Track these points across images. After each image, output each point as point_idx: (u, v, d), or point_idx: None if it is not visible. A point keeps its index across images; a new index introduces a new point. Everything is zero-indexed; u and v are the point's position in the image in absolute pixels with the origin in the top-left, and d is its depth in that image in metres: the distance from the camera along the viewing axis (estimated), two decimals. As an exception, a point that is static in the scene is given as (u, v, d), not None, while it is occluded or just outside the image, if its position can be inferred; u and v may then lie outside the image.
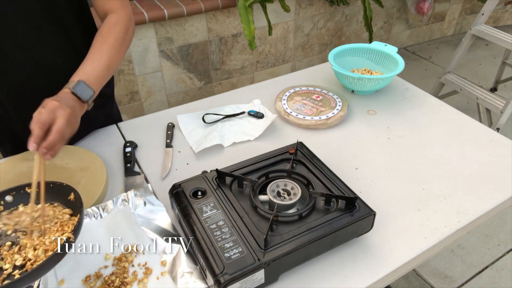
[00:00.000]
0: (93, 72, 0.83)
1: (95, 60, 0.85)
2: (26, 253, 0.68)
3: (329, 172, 0.85)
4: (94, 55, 0.85)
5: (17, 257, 0.68)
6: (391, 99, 1.24)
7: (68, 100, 0.77)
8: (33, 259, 0.67)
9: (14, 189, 0.78)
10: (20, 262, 0.67)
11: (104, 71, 0.85)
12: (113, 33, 0.89)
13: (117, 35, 0.89)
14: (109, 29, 0.90)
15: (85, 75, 0.82)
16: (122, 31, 0.90)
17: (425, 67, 3.25)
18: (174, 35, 2.25)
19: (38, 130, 0.71)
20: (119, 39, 0.89)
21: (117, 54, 0.88)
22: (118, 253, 0.77)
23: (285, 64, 2.85)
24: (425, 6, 2.99)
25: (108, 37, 0.88)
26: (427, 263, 1.78)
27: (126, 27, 0.92)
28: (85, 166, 0.95)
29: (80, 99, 0.79)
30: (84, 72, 0.82)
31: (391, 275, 0.77)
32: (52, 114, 0.72)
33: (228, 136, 1.08)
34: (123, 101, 2.33)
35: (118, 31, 0.90)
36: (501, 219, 1.97)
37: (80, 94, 0.79)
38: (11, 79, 0.94)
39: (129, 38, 0.93)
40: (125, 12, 0.93)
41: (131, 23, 0.95)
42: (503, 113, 2.01)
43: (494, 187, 0.94)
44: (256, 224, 0.74)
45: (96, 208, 0.85)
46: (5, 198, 0.77)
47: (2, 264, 0.68)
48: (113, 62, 0.87)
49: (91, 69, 0.83)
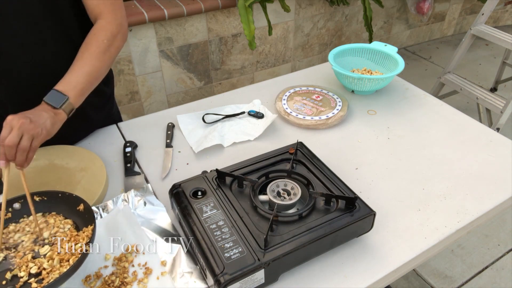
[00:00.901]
0: (70, 79, 0.85)
1: (75, 68, 0.87)
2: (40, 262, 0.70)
3: (329, 172, 0.85)
4: (76, 63, 0.87)
5: (31, 265, 0.70)
6: (391, 99, 1.24)
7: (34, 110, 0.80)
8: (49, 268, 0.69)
9: (23, 197, 0.79)
10: (35, 270, 0.69)
11: (84, 78, 0.86)
12: (96, 40, 0.89)
13: (100, 42, 0.89)
14: (93, 35, 0.90)
15: (62, 84, 0.84)
16: (106, 38, 0.90)
17: (425, 67, 3.25)
18: (174, 35, 2.25)
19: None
20: (102, 46, 0.89)
21: (99, 61, 0.89)
22: (118, 253, 0.77)
23: (285, 64, 2.85)
24: (425, 6, 2.98)
25: (90, 44, 0.89)
26: (427, 263, 1.78)
27: (112, 33, 0.91)
28: (85, 166, 0.95)
29: (52, 106, 0.82)
30: (62, 81, 0.85)
31: (391, 275, 0.77)
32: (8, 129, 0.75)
33: (228, 136, 1.08)
34: (123, 101, 2.33)
35: (101, 38, 0.89)
36: (501, 219, 1.97)
37: (50, 102, 0.82)
38: (11, 80, 0.94)
39: (116, 45, 0.92)
40: (114, 18, 0.92)
41: (121, 28, 0.93)
42: (503, 113, 2.01)
43: (494, 187, 0.94)
44: (256, 224, 0.74)
45: (96, 208, 0.85)
46: (14, 206, 0.79)
47: (17, 271, 0.69)
48: (95, 69, 0.88)
49: (70, 76, 0.85)
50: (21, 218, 0.80)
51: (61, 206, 0.80)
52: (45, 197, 0.80)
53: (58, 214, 0.80)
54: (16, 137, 0.74)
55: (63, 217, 0.79)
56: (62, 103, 0.83)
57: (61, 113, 0.83)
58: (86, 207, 0.76)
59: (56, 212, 0.80)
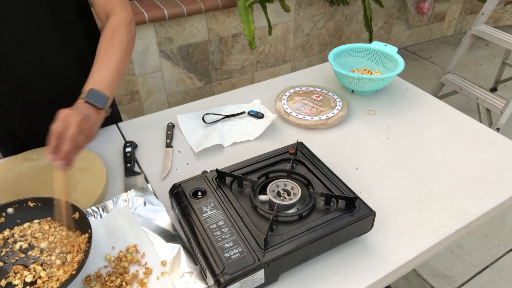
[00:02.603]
0: (103, 77, 0.82)
1: (103, 65, 0.84)
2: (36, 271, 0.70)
3: (329, 172, 0.85)
4: (102, 61, 0.85)
5: (26, 274, 0.69)
6: (391, 99, 1.24)
7: (82, 109, 0.76)
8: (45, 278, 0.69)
9: (17, 202, 0.79)
10: (30, 279, 0.69)
11: (114, 75, 0.84)
12: (118, 36, 0.88)
13: (122, 37, 0.88)
14: (113, 32, 0.89)
15: (96, 82, 0.81)
16: (126, 33, 0.89)
17: (425, 67, 3.25)
18: (174, 35, 2.25)
19: (53, 140, 0.71)
20: (124, 41, 0.88)
21: (124, 56, 0.87)
22: (118, 253, 0.77)
23: (285, 64, 2.85)
24: (425, 6, 2.98)
25: (113, 40, 0.87)
26: (427, 263, 1.78)
27: (129, 28, 0.91)
28: (85, 166, 0.95)
29: (95, 106, 0.79)
30: (94, 80, 0.82)
31: (391, 275, 0.77)
32: (65, 123, 0.71)
33: (228, 136, 1.08)
34: (123, 101, 2.33)
35: (122, 33, 0.89)
36: (501, 219, 1.97)
37: (94, 102, 0.78)
38: (11, 79, 0.94)
39: (133, 39, 0.93)
40: (126, 13, 0.92)
41: (133, 23, 0.94)
42: (503, 113, 2.01)
43: (494, 187, 0.94)
44: (256, 224, 0.74)
45: (96, 208, 0.85)
46: (7, 210, 0.78)
47: (11, 279, 0.69)
48: (121, 65, 0.86)
49: (101, 75, 0.83)
50: (15, 223, 0.78)
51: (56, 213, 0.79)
52: (40, 203, 0.79)
53: (53, 221, 0.79)
54: (77, 134, 0.70)
55: (58, 224, 0.79)
56: (105, 102, 0.80)
57: (102, 113, 0.81)
58: (81, 215, 0.76)
59: (52, 218, 0.80)
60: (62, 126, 0.70)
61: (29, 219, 0.79)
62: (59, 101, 1.00)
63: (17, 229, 0.78)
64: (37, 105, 1.01)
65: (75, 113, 0.72)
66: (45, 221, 0.79)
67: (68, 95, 0.98)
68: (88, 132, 0.74)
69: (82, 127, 0.72)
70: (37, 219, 0.79)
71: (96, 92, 0.79)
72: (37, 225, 0.78)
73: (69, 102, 0.88)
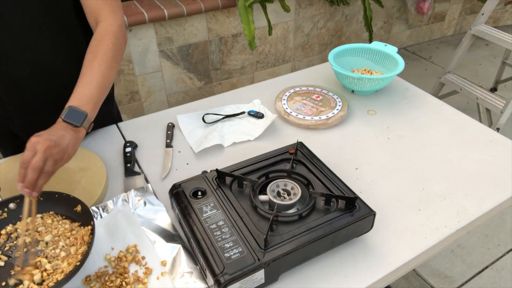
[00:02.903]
0: (83, 93, 0.82)
1: (86, 80, 0.83)
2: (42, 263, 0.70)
3: (329, 172, 0.85)
4: (85, 75, 0.84)
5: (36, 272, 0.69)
6: (391, 99, 1.24)
7: (55, 131, 0.76)
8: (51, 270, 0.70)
9: (18, 197, 0.79)
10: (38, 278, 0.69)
11: (95, 90, 0.83)
12: (102, 46, 0.86)
13: (106, 47, 0.86)
14: (98, 42, 0.87)
15: (76, 99, 0.80)
16: (111, 42, 0.87)
17: (425, 67, 3.25)
18: (174, 35, 2.25)
19: (20, 169, 0.71)
20: (109, 53, 0.86)
21: (108, 68, 0.86)
22: (118, 253, 0.77)
23: (285, 64, 2.85)
24: (425, 6, 2.98)
25: (97, 51, 0.86)
26: (427, 263, 1.78)
27: (115, 35, 0.89)
28: (85, 166, 0.95)
29: (73, 125, 0.78)
30: (75, 96, 0.81)
31: (391, 275, 0.77)
32: (32, 152, 0.71)
33: (228, 136, 1.08)
34: (123, 101, 2.33)
35: (107, 44, 0.87)
36: (501, 219, 1.97)
37: (70, 121, 0.78)
38: (11, 79, 0.94)
39: (120, 47, 0.90)
40: (115, 19, 0.90)
41: (121, 29, 0.91)
42: (503, 113, 2.01)
43: (494, 187, 0.94)
44: (256, 224, 0.74)
45: (96, 208, 0.85)
46: (9, 206, 0.79)
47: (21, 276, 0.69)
48: (105, 78, 0.85)
49: (82, 91, 0.82)
50: (18, 219, 0.79)
51: (58, 207, 0.79)
52: (42, 197, 0.79)
53: (56, 214, 0.80)
54: (41, 161, 0.70)
55: (61, 217, 0.79)
56: (83, 120, 0.79)
57: (82, 130, 0.80)
58: (84, 208, 0.76)
59: (55, 212, 0.80)
60: (29, 155, 0.70)
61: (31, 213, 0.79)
62: (59, 101, 1.00)
63: (20, 224, 0.78)
64: (37, 105, 1.01)
65: (43, 140, 0.72)
66: (48, 215, 0.80)
67: (68, 95, 0.98)
68: (56, 156, 0.73)
69: (49, 153, 0.71)
70: (39, 214, 0.79)
71: (74, 110, 0.79)
72: (40, 219, 0.79)
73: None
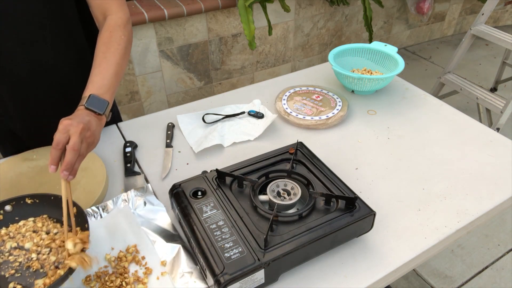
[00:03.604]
0: (102, 82, 0.82)
1: (102, 69, 0.84)
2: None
3: (329, 172, 0.85)
4: (100, 65, 0.84)
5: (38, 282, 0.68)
6: (391, 99, 1.24)
7: (82, 116, 0.76)
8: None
9: (14, 199, 0.78)
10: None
11: (113, 79, 0.84)
12: (115, 37, 0.87)
13: (119, 39, 0.88)
14: (110, 33, 0.88)
15: (95, 87, 0.81)
16: (123, 34, 0.89)
17: (425, 67, 3.25)
18: (174, 35, 2.25)
19: (54, 151, 0.70)
20: (122, 43, 0.88)
21: (122, 58, 0.87)
22: (118, 253, 0.77)
23: (285, 64, 2.85)
24: (425, 6, 2.98)
25: (110, 43, 0.87)
26: (427, 263, 1.78)
27: (126, 28, 0.91)
28: (85, 166, 0.95)
29: (95, 112, 0.79)
30: (93, 85, 0.81)
31: (391, 275, 0.77)
32: (65, 133, 0.71)
33: (228, 136, 1.08)
34: (123, 101, 2.33)
35: (119, 35, 0.88)
36: (501, 219, 1.97)
37: (94, 108, 0.78)
38: (12, 78, 0.94)
39: (130, 40, 0.92)
40: (123, 13, 0.92)
41: (129, 23, 0.93)
42: (503, 113, 2.01)
43: (494, 187, 0.94)
44: (256, 224, 0.74)
45: (96, 208, 0.85)
46: (5, 208, 0.78)
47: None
48: (120, 68, 0.86)
49: (100, 79, 0.82)
50: (14, 221, 0.78)
51: (53, 209, 0.78)
52: (37, 199, 0.78)
53: (49, 218, 0.79)
54: (79, 143, 0.70)
55: (53, 221, 0.78)
56: (105, 108, 0.80)
57: (103, 119, 0.81)
58: (79, 211, 0.75)
59: (48, 215, 0.79)
60: (63, 137, 0.70)
61: (27, 216, 0.78)
62: (59, 100, 1.00)
63: (13, 227, 0.77)
64: (37, 104, 1.01)
65: (76, 122, 0.72)
66: (40, 219, 0.78)
67: (67, 94, 0.98)
68: (89, 140, 0.74)
69: (84, 135, 0.72)
70: (32, 217, 0.78)
71: (96, 98, 0.79)
72: (32, 223, 0.78)
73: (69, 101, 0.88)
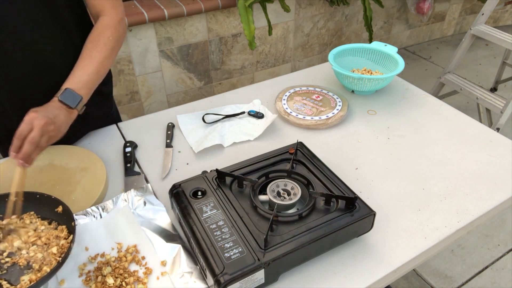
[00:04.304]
0: (81, 78, 0.87)
1: (85, 66, 0.88)
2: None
3: (329, 172, 0.85)
4: (84, 61, 0.89)
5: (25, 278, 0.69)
6: (391, 99, 1.24)
7: (52, 109, 0.81)
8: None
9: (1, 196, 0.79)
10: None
11: (93, 76, 0.88)
12: (103, 37, 0.92)
13: (107, 39, 0.91)
14: (99, 33, 0.92)
15: (74, 82, 0.86)
16: (111, 35, 0.92)
17: (425, 67, 3.25)
18: (174, 35, 2.25)
19: (15, 140, 0.77)
20: (109, 44, 0.92)
21: (107, 58, 0.91)
22: (118, 253, 0.77)
23: (285, 64, 2.85)
24: (425, 6, 2.98)
25: (98, 41, 0.91)
26: (427, 263, 1.78)
27: (116, 29, 0.94)
28: (85, 166, 0.95)
29: (67, 106, 0.83)
30: (73, 79, 0.86)
31: (391, 275, 0.77)
32: (29, 125, 0.76)
33: (228, 136, 1.08)
34: (123, 101, 2.33)
35: (108, 36, 0.92)
36: (501, 219, 1.97)
37: (66, 101, 0.83)
38: (10, 77, 0.94)
39: (119, 40, 0.95)
40: (116, 14, 0.95)
41: (122, 24, 0.96)
42: (503, 113, 2.01)
43: (494, 187, 0.94)
44: (256, 224, 0.74)
45: (96, 208, 0.85)
46: None
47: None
48: (103, 66, 0.90)
49: (80, 75, 0.87)
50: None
51: (39, 208, 0.80)
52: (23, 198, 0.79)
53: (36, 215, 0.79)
54: (38, 136, 0.76)
55: (40, 218, 0.79)
56: (77, 103, 0.85)
57: (75, 112, 0.85)
58: (65, 209, 0.77)
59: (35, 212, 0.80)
60: (26, 128, 0.76)
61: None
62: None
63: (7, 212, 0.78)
64: (36, 104, 1.00)
65: (41, 116, 0.77)
66: (27, 215, 0.79)
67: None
68: (52, 133, 0.78)
69: (45, 129, 0.77)
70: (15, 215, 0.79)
71: (71, 92, 0.84)
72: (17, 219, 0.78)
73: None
